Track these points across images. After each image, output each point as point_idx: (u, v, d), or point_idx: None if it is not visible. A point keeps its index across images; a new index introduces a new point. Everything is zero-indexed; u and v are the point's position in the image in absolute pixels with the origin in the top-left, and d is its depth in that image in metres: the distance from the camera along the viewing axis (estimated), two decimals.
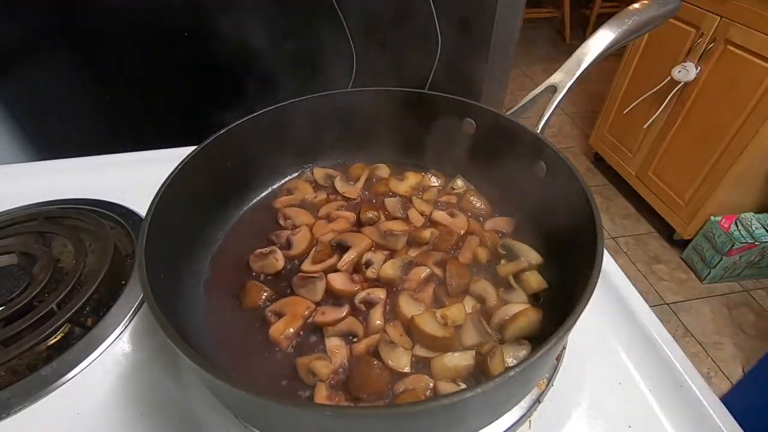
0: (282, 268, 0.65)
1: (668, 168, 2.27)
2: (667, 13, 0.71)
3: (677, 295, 2.15)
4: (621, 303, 0.66)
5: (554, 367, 0.56)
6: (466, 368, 0.52)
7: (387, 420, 0.36)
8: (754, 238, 1.95)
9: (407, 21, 1.21)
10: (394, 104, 0.76)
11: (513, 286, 0.61)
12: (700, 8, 1.96)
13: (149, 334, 0.61)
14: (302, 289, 0.61)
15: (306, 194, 0.77)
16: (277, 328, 0.56)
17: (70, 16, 1.07)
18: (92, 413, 0.53)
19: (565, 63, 0.69)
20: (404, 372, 0.52)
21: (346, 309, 0.59)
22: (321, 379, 0.51)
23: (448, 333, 0.54)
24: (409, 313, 0.57)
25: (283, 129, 0.75)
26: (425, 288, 0.62)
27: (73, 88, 1.19)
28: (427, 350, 0.54)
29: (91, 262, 0.69)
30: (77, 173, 0.92)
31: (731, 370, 1.84)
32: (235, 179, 0.74)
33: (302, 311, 0.58)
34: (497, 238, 0.69)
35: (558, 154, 0.60)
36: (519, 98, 0.71)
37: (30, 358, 0.58)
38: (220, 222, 0.72)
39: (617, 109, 2.54)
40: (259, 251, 0.66)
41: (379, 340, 0.55)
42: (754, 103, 1.79)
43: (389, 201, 0.76)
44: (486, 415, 0.45)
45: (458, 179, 0.79)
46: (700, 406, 0.54)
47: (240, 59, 1.20)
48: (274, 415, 0.40)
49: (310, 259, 0.65)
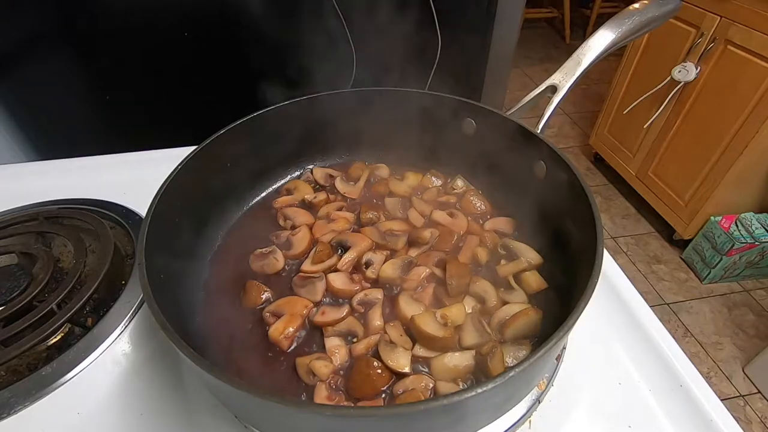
0: (282, 268, 0.65)
1: (668, 168, 2.27)
2: (667, 13, 0.71)
3: (677, 295, 2.15)
4: (621, 303, 0.66)
5: (554, 367, 0.56)
6: (466, 368, 0.52)
7: (387, 420, 0.36)
8: (754, 238, 1.95)
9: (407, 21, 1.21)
10: (394, 104, 0.76)
11: (513, 286, 0.61)
12: (700, 8, 1.95)
13: (149, 334, 0.61)
14: (302, 289, 0.61)
15: (306, 194, 0.77)
16: (277, 329, 0.56)
17: (70, 16, 1.07)
18: (92, 413, 0.53)
19: (565, 63, 0.69)
20: (404, 372, 0.52)
21: (346, 309, 0.59)
22: (321, 379, 0.51)
23: (448, 333, 0.54)
24: (409, 313, 0.57)
25: (283, 129, 0.75)
26: (425, 288, 0.62)
27: (73, 88, 1.19)
28: (427, 350, 0.54)
29: (91, 262, 0.69)
30: (77, 173, 0.92)
31: (731, 370, 1.84)
32: (235, 179, 0.74)
33: (300, 310, 0.58)
34: (497, 238, 0.69)
35: (558, 154, 0.60)
36: (519, 98, 0.71)
37: (30, 358, 0.58)
38: (220, 222, 0.72)
39: (617, 109, 2.54)
40: (259, 251, 0.66)
41: (379, 341, 0.55)
42: (754, 103, 1.79)
43: (389, 201, 0.76)
44: (486, 415, 0.45)
45: (458, 179, 0.79)
46: (700, 406, 0.54)
47: (239, 59, 1.20)
48: (274, 415, 0.40)
49: (310, 259, 0.65)
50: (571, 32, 4.28)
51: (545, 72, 3.82)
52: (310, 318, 0.59)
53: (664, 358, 0.59)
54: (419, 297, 0.60)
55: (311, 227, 0.71)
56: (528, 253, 0.64)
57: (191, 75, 1.22)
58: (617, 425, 0.53)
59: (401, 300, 0.58)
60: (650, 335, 0.61)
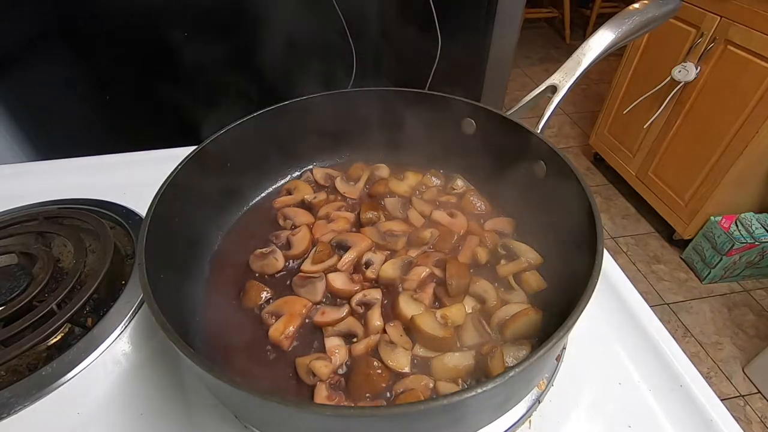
0: (282, 267, 0.65)
1: (668, 168, 2.27)
2: (667, 13, 0.71)
3: (677, 295, 2.15)
4: (621, 303, 0.66)
5: (554, 367, 0.56)
6: (466, 368, 0.52)
7: (387, 420, 0.36)
8: (754, 238, 1.95)
9: (407, 21, 1.21)
10: (394, 104, 0.76)
11: (513, 286, 0.61)
12: (700, 8, 1.95)
13: (149, 334, 0.61)
14: (302, 289, 0.61)
15: (306, 194, 0.77)
16: (277, 329, 0.56)
17: (70, 16, 1.07)
18: (92, 413, 0.53)
19: (565, 63, 0.69)
20: (404, 372, 0.52)
21: (346, 309, 0.59)
22: (321, 379, 0.51)
23: (448, 333, 0.54)
24: (409, 313, 0.57)
25: (283, 129, 0.75)
26: (425, 288, 0.62)
27: (73, 88, 1.19)
28: (427, 350, 0.54)
29: (91, 262, 0.69)
30: (77, 173, 0.92)
31: (731, 370, 1.84)
32: (235, 179, 0.74)
33: (300, 310, 0.58)
34: (497, 238, 0.69)
35: (558, 154, 0.60)
36: (519, 98, 0.71)
37: (30, 358, 0.58)
38: (220, 222, 0.72)
39: (617, 109, 2.54)
40: (259, 251, 0.66)
41: (379, 341, 0.55)
42: (754, 103, 1.79)
43: (389, 201, 0.76)
44: (486, 415, 0.45)
45: (458, 179, 0.79)
46: (700, 406, 0.54)
47: (239, 59, 1.20)
48: (274, 415, 0.40)
49: (311, 259, 0.65)
50: (571, 32, 4.28)
51: (545, 72, 3.82)
52: (309, 318, 0.59)
53: (664, 358, 0.59)
54: (419, 297, 0.60)
55: (311, 227, 0.71)
56: (528, 253, 0.64)
57: (191, 75, 1.22)
58: (617, 425, 0.53)
59: (401, 300, 0.58)
60: (650, 335, 0.61)
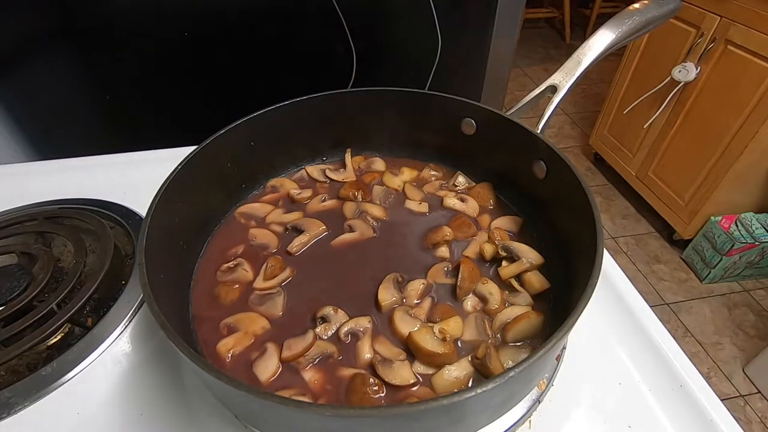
0: (252, 279, 0.63)
1: (668, 168, 2.27)
2: (668, 13, 0.71)
3: (677, 295, 2.15)
4: (621, 303, 0.66)
5: (554, 367, 0.56)
6: (466, 377, 0.51)
7: (387, 420, 0.36)
8: (754, 238, 1.95)
9: (407, 21, 1.21)
10: (394, 104, 0.76)
11: (516, 287, 0.61)
12: (700, 8, 1.95)
13: (149, 334, 0.61)
14: (261, 307, 0.59)
15: (291, 189, 0.77)
16: (226, 344, 0.54)
17: (70, 16, 1.07)
18: (92, 413, 0.53)
19: (565, 63, 0.69)
20: (411, 383, 0.50)
21: (310, 334, 0.55)
22: None
23: (448, 348, 0.52)
24: (405, 330, 0.54)
25: (282, 129, 0.75)
26: (421, 302, 0.60)
27: (73, 88, 1.19)
28: (428, 367, 0.52)
29: (91, 262, 0.69)
30: (77, 173, 0.91)
31: (731, 370, 1.84)
32: (235, 179, 0.74)
33: (257, 330, 0.56)
34: (505, 235, 0.68)
35: (558, 154, 0.60)
36: (519, 98, 0.71)
37: (30, 358, 0.58)
38: (220, 222, 0.72)
39: (617, 109, 2.54)
40: (225, 266, 0.64)
41: (372, 361, 0.53)
42: (754, 103, 1.79)
43: (377, 188, 0.77)
44: (486, 415, 0.45)
45: (459, 176, 0.79)
46: (700, 406, 0.54)
47: (240, 59, 1.20)
48: (274, 415, 0.40)
49: (262, 276, 0.62)
50: (571, 32, 4.28)
51: (545, 72, 3.82)
52: (264, 341, 0.55)
53: (664, 358, 0.59)
54: (415, 313, 0.58)
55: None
56: (529, 253, 0.64)
57: (191, 75, 1.22)
58: (617, 425, 0.53)
59: (396, 317, 0.56)
60: (650, 335, 0.61)
